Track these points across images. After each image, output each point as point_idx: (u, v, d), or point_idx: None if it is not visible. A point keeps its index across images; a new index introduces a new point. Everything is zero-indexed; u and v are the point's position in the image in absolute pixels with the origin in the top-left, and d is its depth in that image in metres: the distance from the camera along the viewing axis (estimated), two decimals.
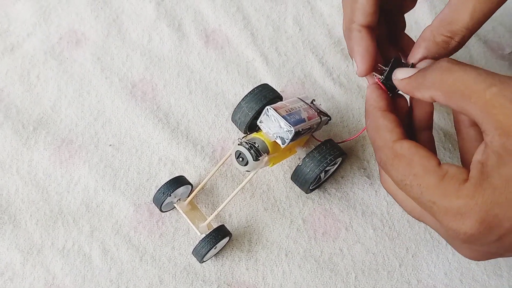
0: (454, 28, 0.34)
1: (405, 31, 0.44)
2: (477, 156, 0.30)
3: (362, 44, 0.37)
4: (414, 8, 0.43)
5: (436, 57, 0.35)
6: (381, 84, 0.37)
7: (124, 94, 0.53)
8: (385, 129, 0.34)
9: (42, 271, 0.46)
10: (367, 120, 0.36)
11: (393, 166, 0.33)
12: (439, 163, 0.31)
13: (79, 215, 0.48)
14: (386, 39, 0.42)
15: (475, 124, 0.37)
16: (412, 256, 0.47)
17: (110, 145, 0.51)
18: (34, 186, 0.49)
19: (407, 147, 0.32)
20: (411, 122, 0.39)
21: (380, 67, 0.37)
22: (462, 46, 0.35)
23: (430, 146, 0.39)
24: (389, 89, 0.37)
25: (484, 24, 0.60)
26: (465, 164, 0.37)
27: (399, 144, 0.33)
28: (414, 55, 0.37)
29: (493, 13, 0.34)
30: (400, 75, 0.35)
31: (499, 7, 0.34)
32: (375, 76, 0.38)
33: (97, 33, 0.57)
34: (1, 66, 0.55)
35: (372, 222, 0.49)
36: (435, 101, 0.32)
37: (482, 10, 0.34)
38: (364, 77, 0.40)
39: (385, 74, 0.37)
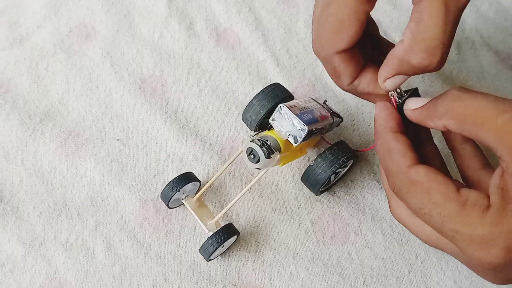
0: (431, 45, 0.31)
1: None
2: (495, 181, 0.29)
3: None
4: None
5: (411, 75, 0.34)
6: (394, 104, 0.36)
7: (133, 89, 0.53)
8: (397, 152, 0.33)
9: (44, 265, 0.44)
10: (376, 140, 0.35)
11: (410, 193, 0.31)
12: (458, 189, 0.30)
13: (84, 209, 0.47)
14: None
15: (468, 140, 0.36)
16: (422, 263, 0.47)
17: (118, 139, 0.50)
18: (39, 178, 0.48)
19: (423, 173, 0.31)
20: (417, 134, 0.38)
21: (399, 89, 0.36)
22: (443, 65, 0.32)
23: (437, 157, 0.38)
24: (403, 114, 0.36)
25: (495, 35, 0.60)
26: (466, 181, 0.36)
27: (415, 170, 0.32)
28: (383, 75, 0.35)
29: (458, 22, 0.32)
30: (412, 105, 0.34)
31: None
32: (393, 96, 0.36)
33: (107, 28, 0.56)
34: (9, 57, 0.54)
35: (381, 227, 0.48)
36: (447, 130, 0.32)
37: (452, 20, 0.31)
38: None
39: (403, 99, 0.36)
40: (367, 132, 0.52)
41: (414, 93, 0.37)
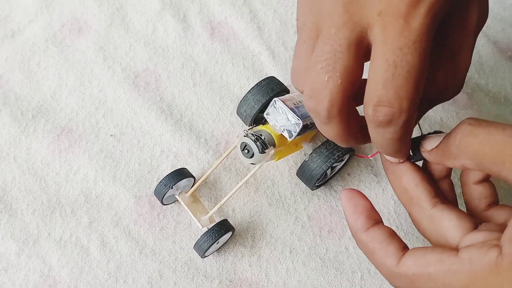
0: (463, 77, 0.31)
1: None
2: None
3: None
4: None
5: None
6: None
7: (126, 84, 0.52)
8: (379, 253, 0.31)
9: (38, 262, 0.44)
10: (354, 238, 0.33)
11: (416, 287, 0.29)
12: (455, 254, 0.28)
13: (78, 205, 0.46)
14: None
15: (483, 181, 0.34)
16: None
17: (111, 135, 0.50)
18: (32, 175, 0.47)
19: (412, 263, 0.29)
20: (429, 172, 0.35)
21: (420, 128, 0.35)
22: None
23: (450, 193, 0.35)
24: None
25: (494, 25, 0.60)
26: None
27: (403, 266, 0.29)
28: (420, 115, 0.34)
29: None
30: (427, 146, 0.32)
31: None
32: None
33: (100, 22, 0.56)
34: (0, 53, 0.53)
35: None
36: (468, 169, 0.29)
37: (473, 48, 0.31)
38: None
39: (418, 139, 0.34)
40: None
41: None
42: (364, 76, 0.29)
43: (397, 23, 0.26)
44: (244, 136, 0.42)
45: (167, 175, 0.45)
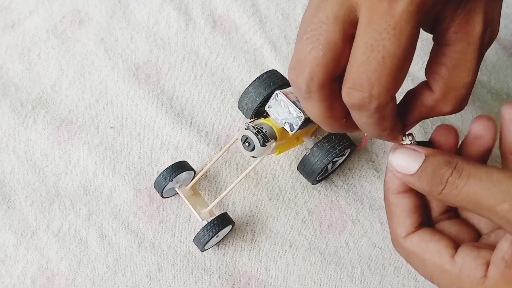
0: (464, 93, 0.30)
1: None
2: (499, 253, 0.28)
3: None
4: None
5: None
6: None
7: (127, 76, 0.52)
8: (396, 220, 0.32)
9: (36, 254, 0.44)
10: (384, 194, 0.34)
11: (410, 262, 0.32)
12: (453, 254, 0.29)
13: (77, 198, 0.46)
14: None
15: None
16: None
17: (111, 127, 0.49)
18: (31, 167, 0.47)
19: (417, 243, 0.31)
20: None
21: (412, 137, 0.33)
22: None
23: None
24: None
25: None
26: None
27: (409, 241, 0.31)
28: (408, 123, 0.33)
29: None
30: (396, 163, 0.30)
31: None
32: (402, 140, 0.33)
33: (101, 13, 0.55)
34: (1, 43, 0.53)
35: (379, 216, 0.47)
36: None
37: (480, 62, 0.30)
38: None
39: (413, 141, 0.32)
40: None
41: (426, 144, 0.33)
42: None
43: (381, 6, 0.25)
44: (245, 128, 0.41)
45: (167, 168, 0.44)
